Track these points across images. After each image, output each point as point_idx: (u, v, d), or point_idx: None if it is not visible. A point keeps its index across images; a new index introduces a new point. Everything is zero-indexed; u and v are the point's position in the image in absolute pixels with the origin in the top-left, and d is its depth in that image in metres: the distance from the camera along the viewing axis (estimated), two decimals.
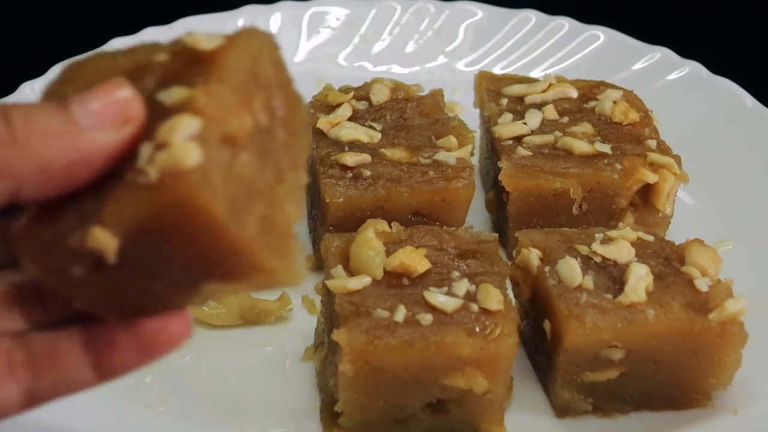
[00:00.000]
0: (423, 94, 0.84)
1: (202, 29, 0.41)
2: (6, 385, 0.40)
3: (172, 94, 0.38)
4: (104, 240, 0.37)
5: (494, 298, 0.59)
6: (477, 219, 0.82)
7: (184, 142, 0.36)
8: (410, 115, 0.81)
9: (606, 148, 0.76)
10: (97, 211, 0.37)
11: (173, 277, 0.39)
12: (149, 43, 0.42)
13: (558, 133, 0.78)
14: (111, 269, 0.38)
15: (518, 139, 0.78)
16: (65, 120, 0.37)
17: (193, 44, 0.40)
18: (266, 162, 0.42)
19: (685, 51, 0.99)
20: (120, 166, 0.37)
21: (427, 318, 0.58)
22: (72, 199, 0.38)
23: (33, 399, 0.41)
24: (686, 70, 0.97)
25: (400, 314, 0.58)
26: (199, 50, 0.40)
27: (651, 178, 0.74)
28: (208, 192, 0.36)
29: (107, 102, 0.37)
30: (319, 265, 0.72)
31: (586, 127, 0.78)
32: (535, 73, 1.00)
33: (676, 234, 0.75)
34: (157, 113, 0.38)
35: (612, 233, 0.66)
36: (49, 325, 0.42)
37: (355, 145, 0.75)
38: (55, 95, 0.41)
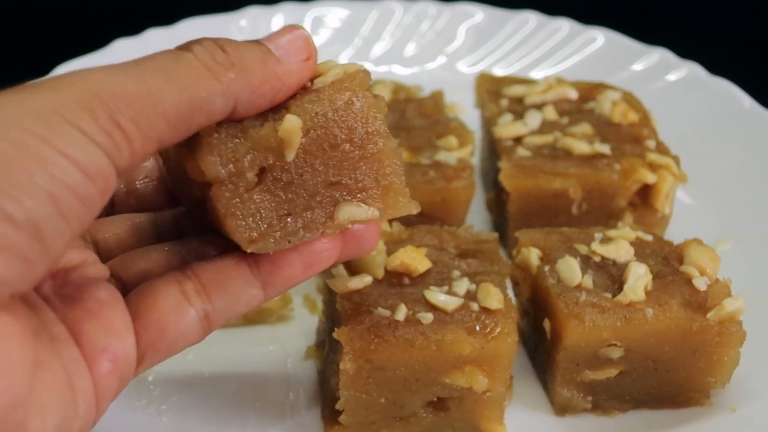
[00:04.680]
0: (423, 95, 0.85)
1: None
2: (186, 313, 0.46)
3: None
4: (294, 129, 0.45)
5: (494, 297, 0.59)
6: (477, 219, 0.83)
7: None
8: (411, 115, 0.81)
9: (605, 149, 0.76)
10: (283, 112, 0.45)
11: (317, 194, 0.47)
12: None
13: (558, 134, 0.78)
14: (273, 178, 0.46)
15: (518, 140, 0.78)
16: (264, 50, 0.44)
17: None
18: None
19: (684, 51, 1.00)
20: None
21: (427, 317, 0.58)
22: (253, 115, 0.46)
23: (211, 322, 0.47)
24: (685, 71, 0.97)
25: (401, 313, 0.58)
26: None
27: (650, 178, 0.74)
28: (370, 85, 0.48)
29: (291, 37, 0.46)
30: None
31: (585, 128, 0.79)
32: (535, 74, 1.01)
33: (674, 233, 0.75)
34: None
35: (611, 233, 0.67)
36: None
37: None
38: None
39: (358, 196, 0.49)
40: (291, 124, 0.45)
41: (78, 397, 0.40)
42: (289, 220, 0.47)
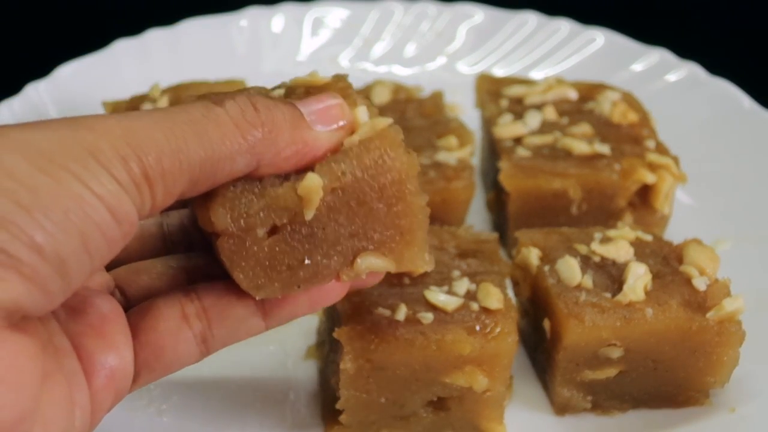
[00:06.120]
0: (424, 95, 0.85)
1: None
2: (184, 337, 0.46)
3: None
4: (314, 187, 0.44)
5: (494, 297, 0.59)
6: (477, 219, 0.83)
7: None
8: (411, 116, 0.81)
9: (605, 149, 0.76)
10: (305, 173, 0.44)
11: (338, 244, 0.47)
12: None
13: (557, 134, 0.78)
14: (291, 230, 0.45)
15: (518, 140, 0.78)
16: (296, 114, 0.44)
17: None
18: None
19: (684, 51, 1.00)
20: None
21: (427, 317, 0.58)
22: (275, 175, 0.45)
23: (208, 347, 0.47)
24: (685, 72, 0.97)
25: (401, 313, 0.58)
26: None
27: (649, 178, 0.74)
28: (401, 140, 0.47)
29: (326, 104, 0.45)
30: None
31: (585, 128, 0.79)
32: (535, 74, 1.01)
33: (674, 233, 0.75)
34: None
35: (611, 233, 0.67)
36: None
37: None
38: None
39: (380, 247, 0.48)
40: (312, 182, 0.44)
41: (76, 410, 0.40)
42: (303, 267, 0.46)
